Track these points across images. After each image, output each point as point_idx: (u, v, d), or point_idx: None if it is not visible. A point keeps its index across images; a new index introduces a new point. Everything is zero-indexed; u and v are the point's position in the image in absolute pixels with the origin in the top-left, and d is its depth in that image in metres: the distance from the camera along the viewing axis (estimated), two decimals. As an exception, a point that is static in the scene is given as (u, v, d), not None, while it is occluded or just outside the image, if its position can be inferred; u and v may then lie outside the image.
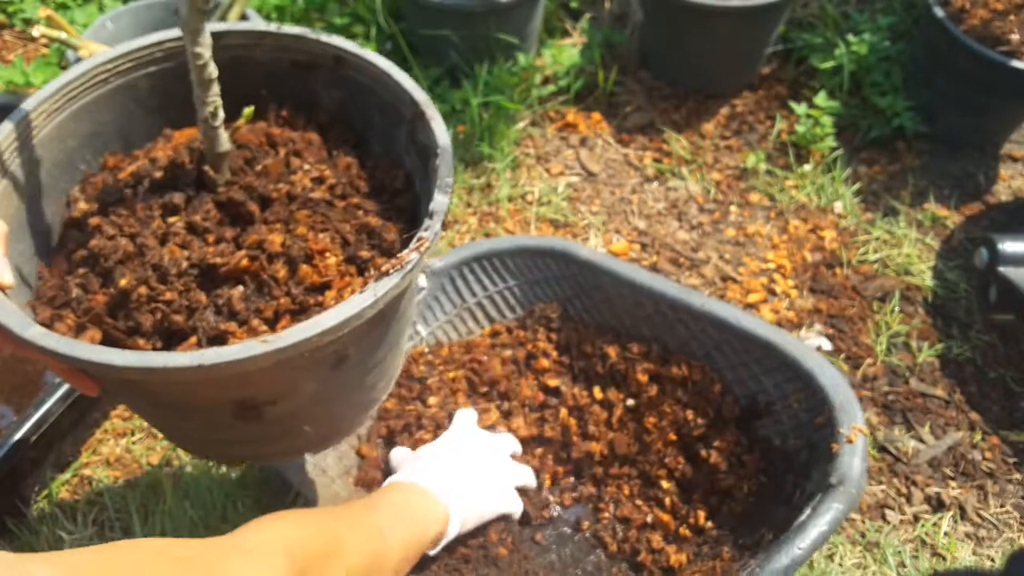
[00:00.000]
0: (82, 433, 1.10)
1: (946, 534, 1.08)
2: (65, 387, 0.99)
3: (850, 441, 0.79)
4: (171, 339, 0.58)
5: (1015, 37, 1.38)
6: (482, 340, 1.09)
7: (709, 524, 0.92)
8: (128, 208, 0.63)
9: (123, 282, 0.57)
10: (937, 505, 1.11)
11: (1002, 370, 1.25)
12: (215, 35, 0.64)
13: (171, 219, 0.62)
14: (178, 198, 0.62)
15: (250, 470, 1.04)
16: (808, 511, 0.75)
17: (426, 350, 1.07)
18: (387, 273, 0.55)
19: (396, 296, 0.56)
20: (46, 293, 0.61)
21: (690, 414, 0.97)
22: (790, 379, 0.90)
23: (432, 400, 1.01)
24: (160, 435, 1.12)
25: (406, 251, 0.57)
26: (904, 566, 1.04)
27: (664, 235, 1.42)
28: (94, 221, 0.62)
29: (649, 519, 0.95)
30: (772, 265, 1.38)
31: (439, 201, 0.59)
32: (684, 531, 0.93)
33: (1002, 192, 1.51)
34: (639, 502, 0.97)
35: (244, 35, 0.71)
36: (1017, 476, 1.14)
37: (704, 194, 1.49)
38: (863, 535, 1.07)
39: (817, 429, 0.85)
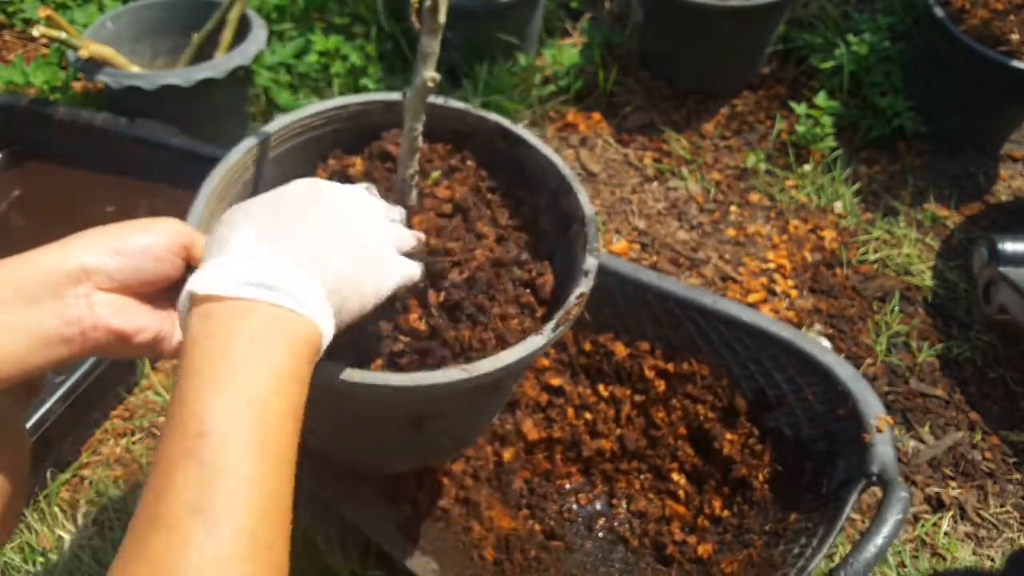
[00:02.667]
0: (82, 433, 1.09)
1: (946, 534, 1.08)
2: (65, 387, 0.99)
3: (879, 431, 0.83)
4: (360, 359, 0.65)
5: (1015, 37, 1.38)
6: None
7: (726, 513, 0.94)
8: None
9: None
10: (937, 505, 1.11)
11: (1002, 370, 1.25)
12: (392, 103, 0.78)
13: None
14: None
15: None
16: (852, 499, 0.79)
17: None
18: (561, 324, 0.64)
19: (544, 350, 0.65)
20: None
21: (700, 408, 0.98)
22: (804, 373, 0.92)
23: None
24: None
25: (571, 305, 0.66)
26: (904, 566, 1.04)
27: (664, 235, 1.42)
28: None
29: (665, 512, 0.97)
30: (772, 265, 1.38)
31: (591, 262, 0.69)
32: (702, 521, 0.94)
33: (1002, 192, 1.51)
34: (651, 496, 0.98)
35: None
36: (1017, 476, 1.14)
37: (704, 194, 1.49)
38: (863, 535, 1.07)
39: (838, 420, 0.88)
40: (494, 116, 0.80)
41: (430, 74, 0.65)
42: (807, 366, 0.91)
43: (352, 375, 0.59)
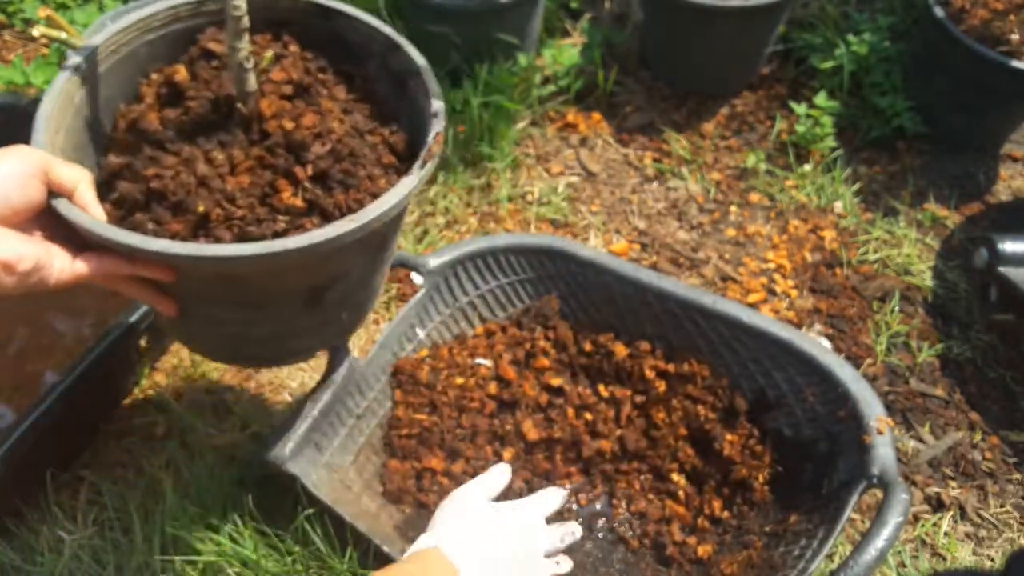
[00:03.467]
0: (83, 432, 1.09)
1: (946, 534, 1.08)
2: (65, 387, 0.99)
3: (880, 432, 0.83)
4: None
5: (1015, 37, 1.38)
6: (477, 340, 1.08)
7: (726, 514, 0.94)
8: (173, 152, 0.71)
9: (201, 208, 0.67)
10: (937, 505, 1.11)
11: (1002, 370, 1.25)
12: (201, 1, 0.77)
13: (217, 155, 0.70)
14: (222, 137, 0.72)
15: (249, 471, 1.04)
16: (853, 501, 0.80)
17: (427, 354, 1.06)
18: (426, 161, 0.70)
19: (417, 188, 0.70)
20: None
21: (700, 409, 0.99)
22: (804, 374, 0.92)
23: (446, 412, 1.02)
24: (163, 432, 1.12)
25: (431, 143, 0.71)
26: (904, 566, 1.04)
27: (664, 235, 1.42)
28: (151, 171, 0.70)
29: (665, 512, 0.97)
30: (772, 265, 1.38)
31: (436, 105, 0.75)
32: (702, 522, 0.95)
33: (1002, 192, 1.51)
34: (651, 496, 0.98)
35: None
36: (1017, 476, 1.14)
37: (704, 194, 1.49)
38: (863, 535, 1.07)
39: (838, 422, 0.88)
40: None
41: None
42: (807, 367, 0.92)
43: (247, 248, 0.60)
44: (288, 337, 0.80)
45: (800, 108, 1.54)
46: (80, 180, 0.62)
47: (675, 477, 0.98)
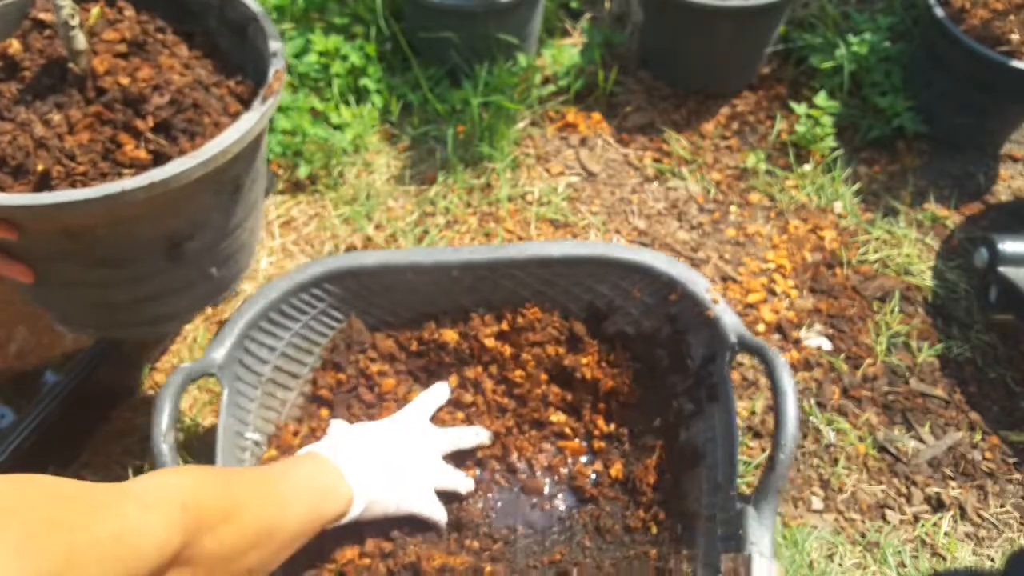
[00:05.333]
0: (82, 433, 1.10)
1: (946, 534, 1.08)
2: (65, 387, 0.99)
3: (715, 302, 0.91)
4: None
5: (1015, 37, 1.38)
6: (311, 407, 1.00)
7: (612, 426, 1.00)
8: (9, 119, 0.72)
9: (40, 167, 0.68)
10: (937, 505, 1.11)
11: (1002, 370, 1.25)
12: None
13: (54, 117, 0.71)
14: (58, 99, 0.72)
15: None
16: (726, 369, 0.87)
17: (274, 455, 0.94)
18: (267, 97, 0.72)
19: (265, 125, 0.73)
20: None
21: (548, 349, 1.01)
22: (624, 277, 0.98)
23: None
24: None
25: (271, 79, 0.74)
26: (904, 566, 1.04)
27: (664, 235, 1.42)
28: None
29: (565, 454, 1.00)
30: (772, 265, 1.38)
31: (274, 45, 0.77)
32: (597, 444, 0.99)
33: (1002, 192, 1.51)
34: (543, 446, 1.00)
35: None
36: (1017, 476, 1.14)
37: (704, 194, 1.49)
38: (863, 535, 1.07)
39: (673, 304, 0.95)
40: None
41: None
42: (625, 270, 0.97)
43: (81, 192, 0.60)
44: (155, 298, 0.79)
45: (800, 108, 1.54)
46: None
47: (553, 418, 1.01)
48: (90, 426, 1.10)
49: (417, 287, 1.00)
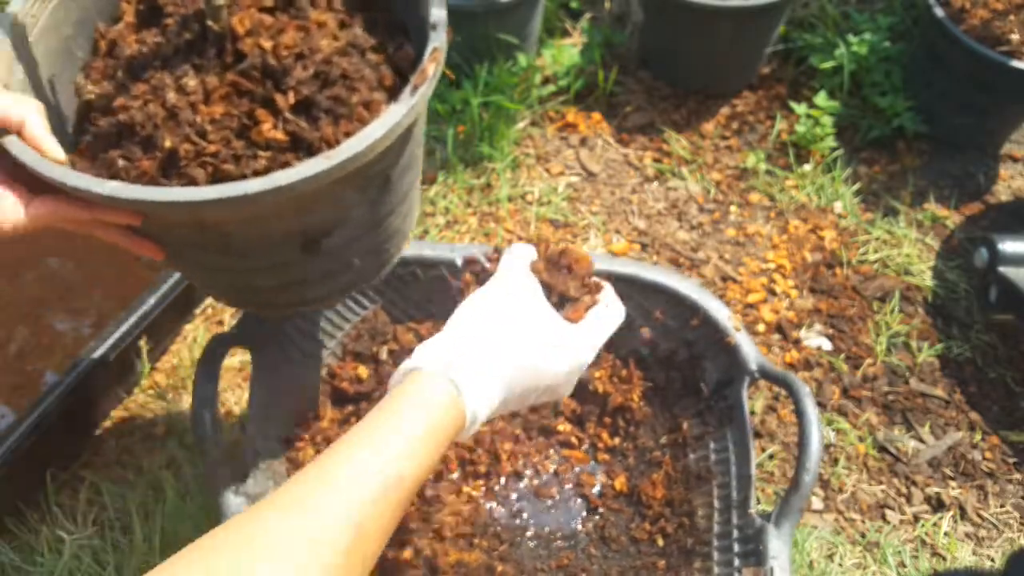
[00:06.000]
0: (83, 432, 1.10)
1: (946, 534, 1.08)
2: (63, 388, 0.99)
3: (737, 330, 0.91)
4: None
5: (1015, 37, 1.38)
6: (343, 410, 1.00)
7: (616, 440, 1.00)
8: (144, 80, 0.63)
9: (167, 143, 0.60)
10: (937, 505, 1.11)
11: (1002, 370, 1.25)
12: None
13: (189, 82, 0.62)
14: (196, 60, 0.63)
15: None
16: (743, 396, 0.88)
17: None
18: (418, 86, 0.59)
19: (421, 111, 0.62)
20: (85, 172, 0.59)
21: None
22: (649, 298, 0.98)
23: None
24: (163, 432, 1.12)
25: (425, 63, 0.60)
26: (904, 566, 1.04)
27: (664, 235, 1.42)
28: (119, 102, 0.62)
29: (571, 462, 0.99)
30: (772, 265, 1.38)
31: (437, 14, 0.63)
32: (601, 456, 0.99)
33: (1002, 192, 1.51)
34: (550, 453, 1.00)
35: None
36: (1017, 476, 1.14)
37: (704, 194, 1.49)
38: (863, 535, 1.07)
39: (693, 330, 0.95)
40: None
41: None
42: (650, 291, 0.97)
43: (195, 193, 0.53)
44: (295, 285, 0.71)
45: (800, 108, 1.54)
46: (29, 113, 0.56)
47: (560, 427, 1.00)
48: (90, 426, 1.10)
49: (444, 285, 0.98)
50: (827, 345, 1.27)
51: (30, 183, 0.57)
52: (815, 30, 1.67)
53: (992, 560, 1.06)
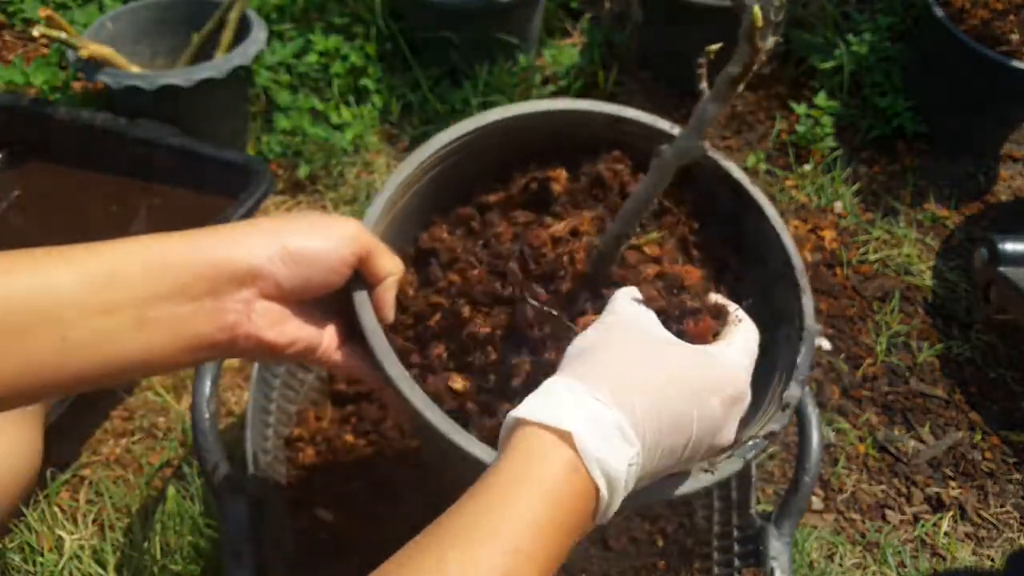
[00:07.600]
0: (82, 433, 1.10)
1: (946, 534, 1.08)
2: (65, 387, 0.98)
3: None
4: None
5: (1015, 37, 1.38)
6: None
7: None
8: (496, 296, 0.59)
9: (465, 385, 0.57)
10: (937, 505, 1.11)
11: (1002, 370, 1.25)
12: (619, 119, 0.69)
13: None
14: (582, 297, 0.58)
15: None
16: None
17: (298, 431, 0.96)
18: (730, 455, 0.53)
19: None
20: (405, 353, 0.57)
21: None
22: None
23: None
24: (163, 432, 1.12)
25: (754, 441, 0.53)
26: (904, 566, 1.04)
27: (664, 235, 1.42)
28: (463, 313, 0.59)
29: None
30: (772, 265, 1.38)
31: (793, 392, 0.54)
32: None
33: (1002, 192, 1.51)
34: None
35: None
36: (1017, 476, 1.14)
37: (704, 194, 1.49)
38: (863, 535, 1.07)
39: None
40: (727, 164, 0.68)
41: (704, 143, 0.56)
42: None
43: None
44: None
45: (800, 108, 1.54)
46: (392, 275, 0.55)
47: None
48: (90, 426, 1.10)
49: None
50: (827, 345, 1.27)
51: (349, 323, 0.55)
52: (815, 30, 1.67)
53: (992, 560, 1.06)
